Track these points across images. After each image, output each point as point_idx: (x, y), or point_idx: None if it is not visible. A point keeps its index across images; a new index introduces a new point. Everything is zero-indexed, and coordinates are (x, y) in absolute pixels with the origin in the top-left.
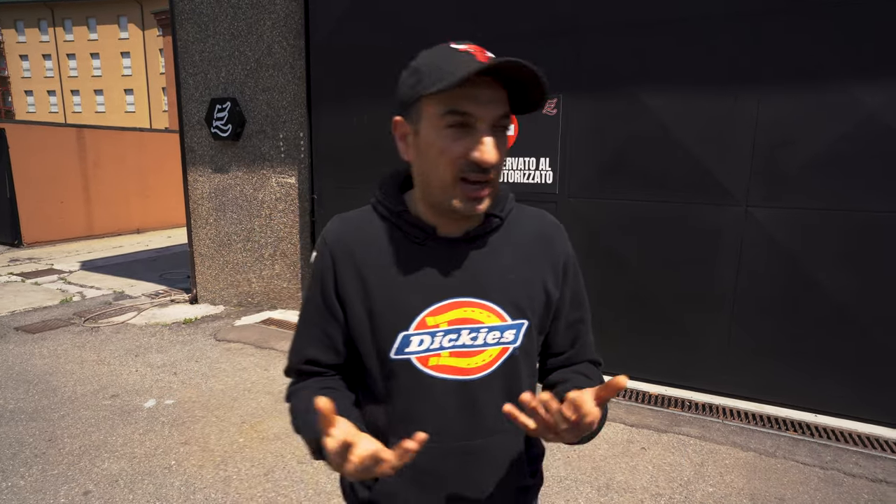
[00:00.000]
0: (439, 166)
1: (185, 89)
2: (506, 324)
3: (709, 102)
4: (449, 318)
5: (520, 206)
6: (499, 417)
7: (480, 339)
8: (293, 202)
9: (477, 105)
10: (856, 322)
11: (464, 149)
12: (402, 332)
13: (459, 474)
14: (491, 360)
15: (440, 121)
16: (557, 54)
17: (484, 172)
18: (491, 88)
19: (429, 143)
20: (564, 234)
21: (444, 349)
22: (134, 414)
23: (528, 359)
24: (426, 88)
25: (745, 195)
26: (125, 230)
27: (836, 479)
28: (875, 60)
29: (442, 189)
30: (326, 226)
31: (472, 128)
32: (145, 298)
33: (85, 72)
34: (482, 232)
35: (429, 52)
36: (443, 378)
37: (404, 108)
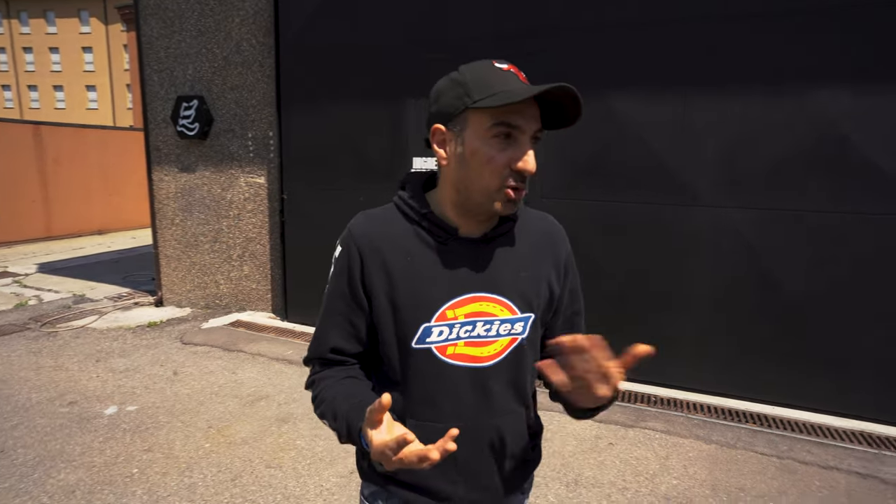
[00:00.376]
0: (484, 174)
1: (149, 86)
2: (516, 317)
3: (676, 106)
4: (466, 311)
5: (526, 209)
6: (507, 399)
7: (493, 331)
8: (262, 202)
9: (523, 119)
10: (813, 319)
11: (508, 158)
12: (424, 323)
13: (471, 450)
14: (501, 349)
15: (488, 132)
16: (527, 56)
17: (524, 181)
18: (532, 107)
19: (474, 151)
20: (565, 235)
21: (460, 339)
22: (93, 421)
23: (533, 348)
24: (479, 102)
25: (712, 196)
26: (87, 231)
27: (790, 468)
28: (831, 69)
29: (483, 193)
30: (351, 221)
31: (516, 140)
32: (107, 301)
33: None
34: (499, 233)
35: (472, 68)
36: (458, 365)
37: (446, 117)
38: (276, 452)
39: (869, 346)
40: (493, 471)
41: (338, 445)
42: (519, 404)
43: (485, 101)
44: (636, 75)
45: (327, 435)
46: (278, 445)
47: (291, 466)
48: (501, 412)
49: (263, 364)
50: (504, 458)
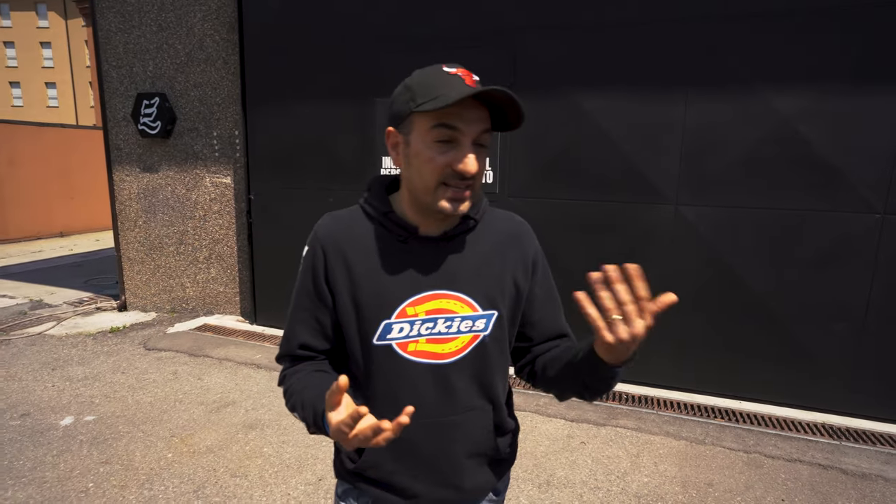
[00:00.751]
0: (425, 173)
1: (108, 83)
2: (477, 314)
3: (641, 105)
4: (427, 308)
5: (492, 210)
6: (470, 396)
7: (454, 328)
8: (229, 203)
9: (463, 121)
10: (775, 314)
11: (449, 160)
12: (385, 320)
13: (434, 447)
14: (463, 346)
15: (429, 134)
16: (495, 55)
17: (465, 181)
18: (475, 109)
19: (417, 153)
20: (532, 233)
21: (421, 336)
22: (47, 434)
23: (498, 345)
24: (420, 105)
25: (674, 194)
26: (46, 234)
27: (757, 462)
28: (786, 71)
29: (426, 192)
30: (318, 222)
31: (457, 143)
32: (67, 307)
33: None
34: (458, 232)
35: (422, 73)
36: (419, 362)
37: (397, 120)
38: (242, 460)
39: (830, 340)
40: (459, 468)
41: (306, 452)
42: (485, 401)
43: (424, 105)
44: (602, 75)
45: (295, 441)
46: (244, 453)
47: (258, 475)
48: (465, 408)
49: (230, 369)
50: (471, 456)
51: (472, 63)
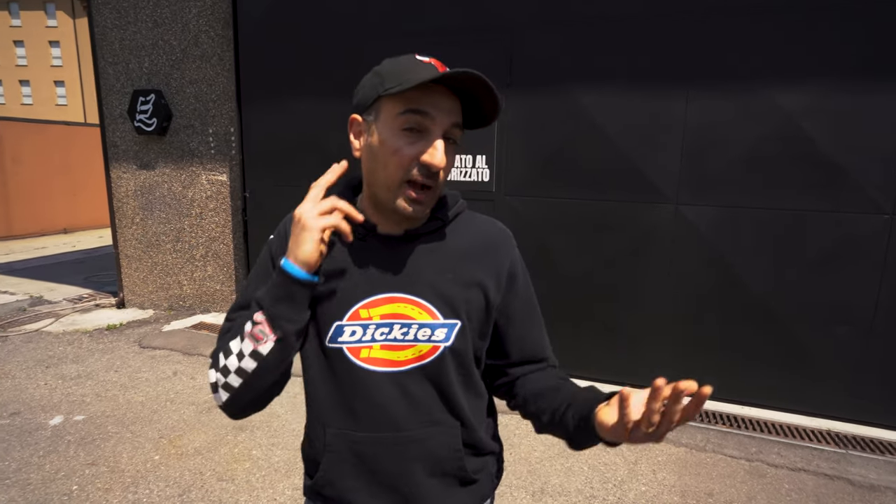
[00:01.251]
0: (389, 165)
1: (104, 79)
2: (437, 322)
3: (641, 102)
4: (382, 311)
5: (472, 214)
6: (432, 410)
7: (411, 335)
8: (225, 200)
9: (434, 108)
10: (778, 316)
11: (416, 151)
12: (337, 321)
13: (394, 463)
14: (420, 355)
15: (396, 121)
16: (491, 50)
17: (431, 177)
18: (447, 98)
19: (382, 142)
20: (512, 242)
21: (375, 342)
22: (35, 434)
23: (461, 358)
24: (388, 89)
25: (675, 193)
26: (51, 230)
27: (760, 471)
28: (790, 66)
29: (387, 188)
30: (288, 215)
31: (427, 132)
32: (66, 303)
33: (8, 60)
34: (422, 232)
35: (393, 60)
36: (374, 370)
37: (362, 107)
38: (230, 463)
39: (835, 344)
40: (422, 488)
41: (296, 455)
42: (450, 416)
43: (392, 89)
44: (601, 71)
45: (285, 444)
46: (233, 456)
47: (245, 479)
48: (427, 423)
49: None
50: (434, 476)
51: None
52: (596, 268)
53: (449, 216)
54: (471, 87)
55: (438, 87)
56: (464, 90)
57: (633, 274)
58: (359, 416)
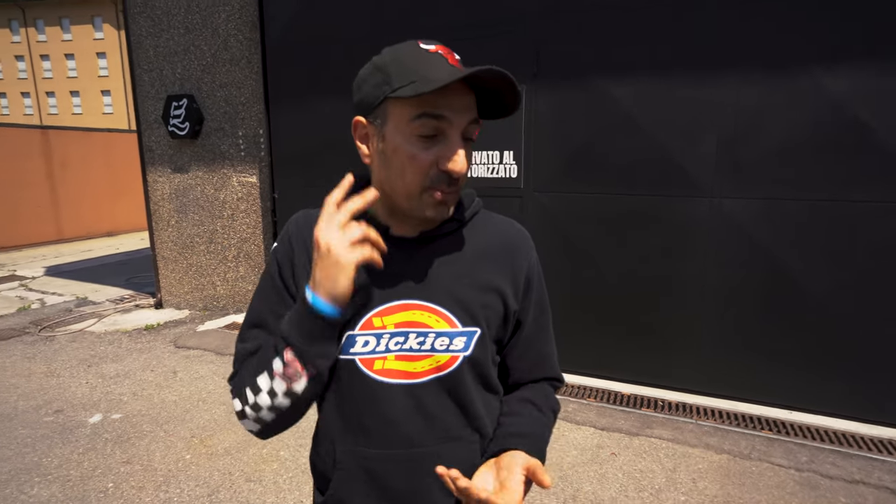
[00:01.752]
0: (406, 174)
1: (140, 86)
2: (456, 330)
3: (674, 91)
4: (396, 320)
5: (488, 213)
6: (451, 424)
7: (428, 345)
8: (255, 202)
9: (452, 111)
10: (829, 315)
11: (434, 157)
12: (348, 331)
13: (410, 482)
14: (438, 366)
15: (410, 126)
16: (517, 42)
17: (453, 183)
18: (463, 95)
19: (395, 149)
20: (530, 244)
21: (390, 352)
22: (76, 431)
23: (480, 368)
24: (398, 91)
25: (712, 186)
26: (96, 233)
27: (812, 482)
28: (840, 48)
29: (407, 196)
30: (292, 217)
31: (444, 135)
32: (109, 304)
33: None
34: (437, 234)
35: (394, 50)
36: (388, 382)
37: (366, 108)
38: (258, 464)
39: (893, 345)
40: None
41: None
42: (471, 430)
43: (404, 90)
44: (631, 59)
45: None
46: (261, 457)
47: (272, 480)
48: (444, 438)
49: None
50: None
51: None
52: (628, 266)
53: (466, 216)
54: (492, 84)
55: (463, 86)
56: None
57: (667, 272)
58: (371, 431)
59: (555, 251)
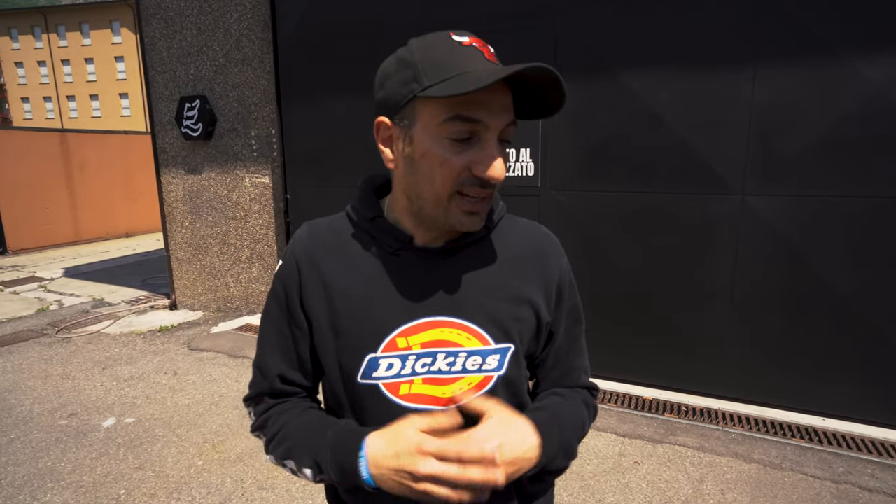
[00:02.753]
0: (436, 179)
1: (153, 88)
2: (489, 348)
3: (700, 84)
4: (422, 339)
5: (511, 217)
6: None
7: (458, 365)
8: (268, 203)
9: (489, 113)
10: (864, 317)
11: (468, 161)
12: (370, 353)
13: None
14: (469, 388)
15: (441, 129)
16: (534, 35)
17: (489, 188)
18: (501, 95)
19: (424, 152)
20: (560, 248)
21: (416, 375)
22: (89, 435)
23: (514, 388)
24: (429, 90)
25: (740, 183)
26: (113, 234)
27: (851, 495)
28: (880, 32)
29: (436, 203)
30: (295, 233)
31: (479, 138)
32: (124, 305)
33: (80, 77)
34: (465, 243)
35: (423, 43)
36: (416, 408)
37: (391, 108)
38: (271, 471)
39: None
40: None
41: None
42: None
43: (437, 89)
44: (654, 51)
45: None
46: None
47: (285, 488)
48: None
49: None
50: None
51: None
52: (649, 266)
53: (493, 223)
54: (535, 82)
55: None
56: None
57: (690, 272)
58: None
59: (573, 251)
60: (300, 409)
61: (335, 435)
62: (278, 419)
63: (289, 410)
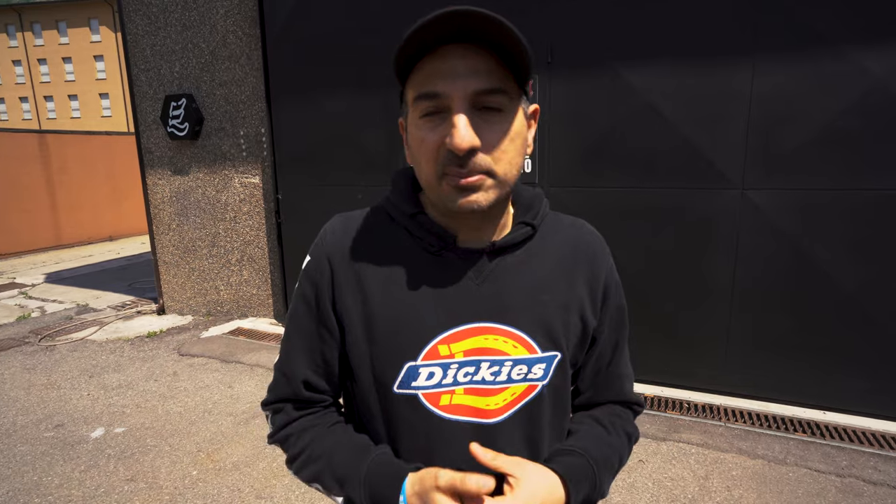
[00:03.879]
0: (421, 162)
1: (137, 86)
2: (535, 356)
3: (698, 77)
4: (466, 347)
5: (556, 215)
6: None
7: (503, 375)
8: (258, 203)
9: (446, 80)
10: (865, 311)
11: (440, 137)
12: (409, 362)
13: None
14: (513, 399)
15: (415, 111)
16: (530, 29)
17: (463, 164)
18: (466, 58)
19: (411, 138)
20: (607, 249)
21: (458, 385)
22: (77, 447)
23: (558, 398)
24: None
25: (740, 177)
26: (97, 238)
27: (855, 489)
28: (881, 23)
29: (430, 188)
30: (326, 225)
31: (448, 111)
32: (110, 311)
33: (58, 77)
34: (511, 243)
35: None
36: (456, 420)
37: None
38: (269, 479)
39: None
40: None
41: None
42: None
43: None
44: (651, 44)
45: None
46: (271, 471)
47: (283, 496)
48: None
49: (262, 376)
50: None
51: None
52: (649, 262)
53: (538, 220)
54: (479, 31)
55: (453, 46)
56: (487, 40)
57: (691, 267)
58: None
59: None
60: (326, 425)
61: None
62: (302, 436)
63: (314, 427)
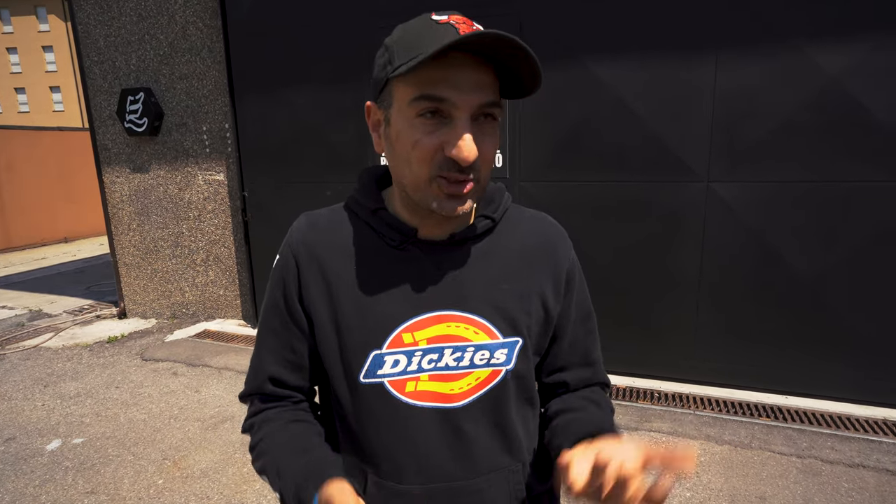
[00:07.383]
0: (412, 162)
1: (90, 79)
2: (497, 342)
3: (664, 72)
4: (429, 334)
5: (517, 207)
6: (492, 452)
7: (466, 360)
8: (223, 201)
9: (455, 90)
10: (824, 299)
11: (439, 142)
12: (374, 350)
13: None
14: (478, 383)
15: (410, 108)
16: (498, 21)
17: (464, 171)
18: (475, 71)
19: (398, 134)
20: (568, 241)
21: (423, 372)
22: (31, 461)
23: (522, 383)
24: (398, 70)
25: (705, 170)
26: (51, 240)
27: (814, 469)
28: (834, 24)
29: (415, 188)
30: (293, 224)
31: (450, 117)
32: (66, 316)
33: (2, 68)
34: (470, 235)
35: (404, 26)
36: (422, 406)
37: (375, 92)
38: (239, 485)
39: (891, 327)
40: None
41: None
42: (511, 458)
43: (401, 68)
44: (621, 39)
45: None
46: (242, 476)
47: (255, 501)
48: (486, 469)
49: (230, 379)
50: None
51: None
52: (619, 255)
53: (498, 213)
54: (500, 51)
55: (462, 56)
56: (493, 56)
57: (660, 259)
58: (402, 463)
59: None
60: (283, 420)
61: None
62: (261, 428)
63: (272, 420)
